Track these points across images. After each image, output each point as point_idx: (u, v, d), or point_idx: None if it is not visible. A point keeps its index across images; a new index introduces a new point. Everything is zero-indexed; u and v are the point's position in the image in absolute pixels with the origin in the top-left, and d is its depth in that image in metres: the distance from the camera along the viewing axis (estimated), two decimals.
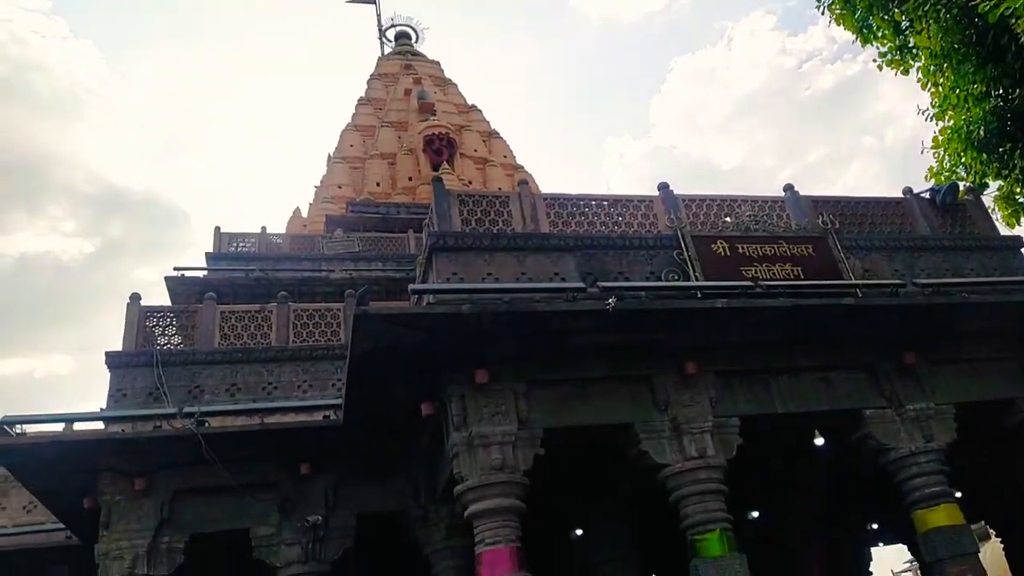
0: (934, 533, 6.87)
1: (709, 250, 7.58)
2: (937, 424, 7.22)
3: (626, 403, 6.87)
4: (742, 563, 6.23)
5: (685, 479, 6.58)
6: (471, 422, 6.32)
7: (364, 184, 20.99)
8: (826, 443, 7.78)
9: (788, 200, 8.36)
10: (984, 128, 10.23)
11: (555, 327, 6.58)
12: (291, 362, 8.77)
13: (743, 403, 7.09)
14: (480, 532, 6.05)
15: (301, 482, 7.67)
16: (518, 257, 7.17)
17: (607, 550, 8.41)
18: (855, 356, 7.42)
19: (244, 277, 14.51)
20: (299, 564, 7.34)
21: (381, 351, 6.30)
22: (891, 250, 8.11)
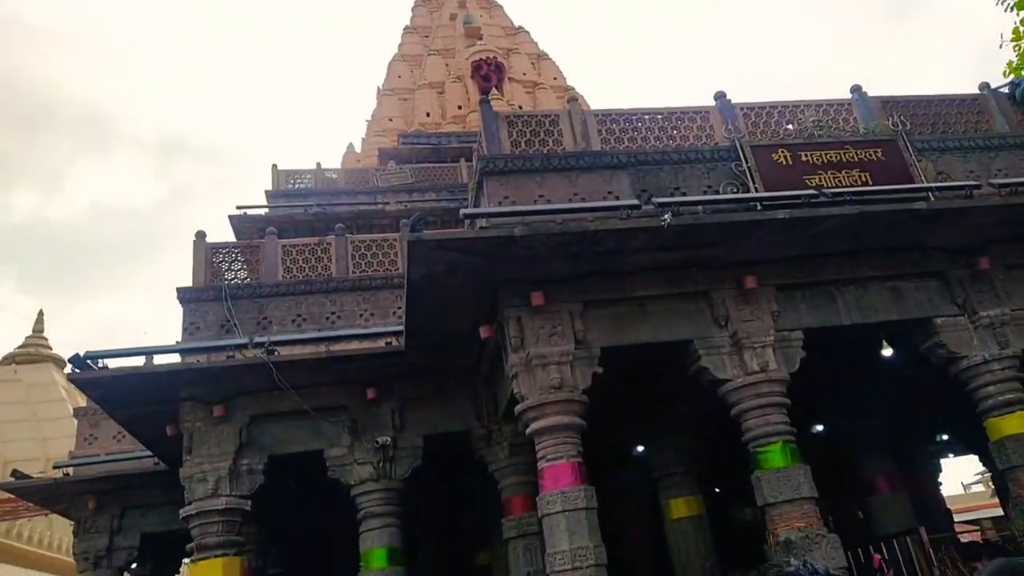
0: (1008, 440, 6.70)
1: (769, 160, 7.29)
2: (1012, 330, 6.94)
3: (685, 320, 6.80)
4: (806, 473, 6.22)
5: (746, 393, 6.54)
6: (528, 343, 6.38)
7: (414, 115, 20.86)
8: (895, 353, 7.56)
9: (855, 102, 7.92)
10: None
11: (609, 246, 6.50)
12: (352, 292, 8.96)
13: (806, 316, 6.94)
14: (542, 449, 6.20)
15: (369, 406, 7.95)
16: (569, 177, 7.06)
17: (669, 465, 8.52)
18: (926, 263, 7.12)
19: (303, 213, 14.79)
20: (371, 482, 7.70)
21: (437, 276, 6.37)
22: (966, 150, 7.64)
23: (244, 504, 7.57)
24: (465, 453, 8.34)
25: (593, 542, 5.71)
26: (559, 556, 5.65)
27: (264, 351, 7.52)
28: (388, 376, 8.02)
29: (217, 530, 7.39)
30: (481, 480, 8.65)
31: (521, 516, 7.48)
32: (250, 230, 13.60)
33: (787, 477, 6.15)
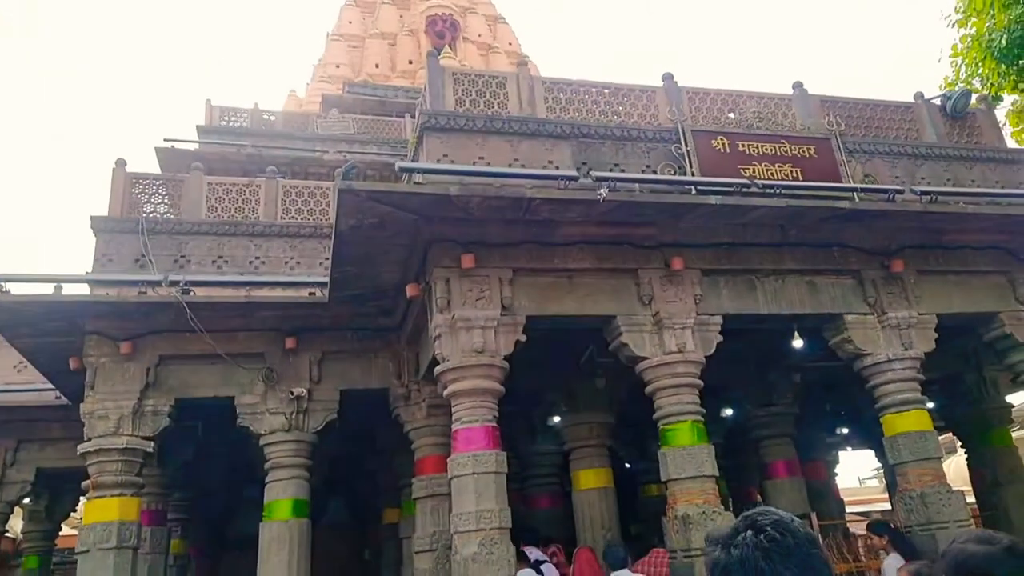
0: (901, 437, 7.07)
1: (709, 146, 7.38)
2: (917, 333, 7.29)
3: (611, 296, 6.87)
4: (709, 453, 6.43)
5: (662, 372, 6.68)
6: (455, 305, 6.33)
7: (363, 65, 20.26)
8: (805, 345, 7.86)
9: (795, 98, 8.08)
10: (1007, 37, 9.79)
11: (545, 215, 6.48)
12: (279, 238, 8.68)
13: (727, 302, 7.11)
14: (458, 411, 6.19)
15: (286, 355, 7.78)
16: (512, 142, 6.98)
17: (583, 438, 8.68)
18: (844, 261, 7.38)
19: (235, 152, 14.24)
20: (282, 432, 7.56)
21: (366, 229, 6.23)
22: (894, 156, 7.92)
23: (146, 445, 7.34)
24: (382, 411, 8.28)
25: (499, 505, 5.77)
26: (464, 517, 5.69)
27: (179, 290, 7.23)
28: (309, 327, 7.86)
29: (116, 469, 7.15)
30: (396, 439, 8.62)
31: (432, 476, 7.50)
32: (178, 165, 12.97)
33: (692, 455, 6.34)
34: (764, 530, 1.15)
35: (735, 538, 1.17)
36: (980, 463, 10.35)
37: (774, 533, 1.14)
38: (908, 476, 6.99)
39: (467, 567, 5.49)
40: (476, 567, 5.46)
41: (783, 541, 1.12)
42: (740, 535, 1.17)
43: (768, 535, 1.14)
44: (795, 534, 1.14)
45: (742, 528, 1.18)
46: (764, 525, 1.16)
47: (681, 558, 6.17)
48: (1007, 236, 7.73)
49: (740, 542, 1.16)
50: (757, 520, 1.19)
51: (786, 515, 1.21)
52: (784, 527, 1.16)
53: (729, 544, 1.17)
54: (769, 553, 1.12)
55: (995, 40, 9.89)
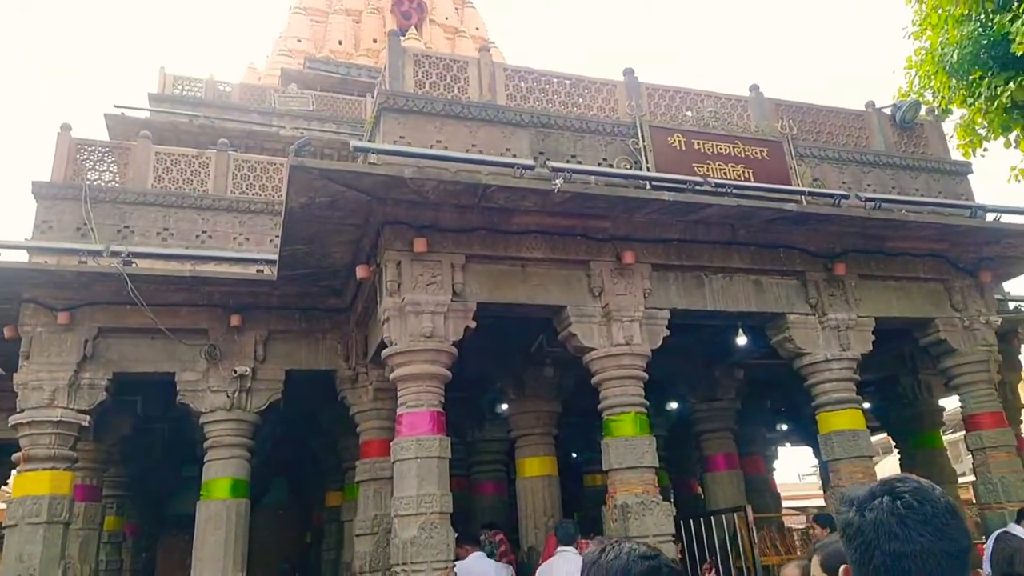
0: (835, 435, 7.29)
1: (665, 143, 7.47)
2: (855, 335, 7.51)
3: (562, 286, 6.91)
4: (651, 444, 6.54)
5: (608, 363, 6.76)
6: (405, 289, 6.29)
7: (325, 41, 19.89)
8: (749, 342, 8.04)
9: (751, 100, 8.22)
10: (958, 52, 10.09)
11: (500, 203, 6.48)
12: (228, 212, 8.48)
13: (675, 297, 7.22)
14: (403, 395, 6.17)
15: (231, 333, 7.63)
16: (470, 127, 6.95)
17: (529, 426, 8.72)
18: (790, 263, 7.56)
19: (188, 123, 13.85)
20: (223, 411, 7.42)
21: (318, 207, 6.14)
22: (843, 162, 8.13)
23: (82, 419, 7.13)
24: (329, 392, 8.20)
25: (441, 490, 5.77)
26: (405, 501, 5.68)
27: (121, 261, 7.03)
28: (256, 305, 7.72)
29: (49, 442, 6.93)
30: (342, 421, 8.55)
31: (376, 460, 7.46)
32: (127, 133, 12.57)
33: (633, 446, 6.44)
34: (902, 496, 1.16)
35: (871, 502, 1.17)
36: (912, 463, 10.74)
37: (912, 500, 1.14)
38: (840, 472, 7.22)
39: (406, 550, 5.49)
40: (415, 550, 5.47)
41: (921, 509, 1.13)
42: (877, 499, 1.17)
43: (905, 501, 1.14)
44: (935, 503, 1.14)
45: (879, 493, 1.18)
46: (903, 492, 1.16)
47: None
48: (946, 245, 8.02)
49: (876, 506, 1.16)
50: (896, 487, 1.18)
51: (927, 483, 1.20)
52: (924, 495, 1.16)
53: (864, 507, 1.17)
54: (904, 519, 1.12)
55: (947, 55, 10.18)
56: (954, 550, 1.10)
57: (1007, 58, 9.19)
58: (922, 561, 1.09)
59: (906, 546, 1.10)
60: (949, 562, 1.09)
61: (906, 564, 1.09)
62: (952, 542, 1.10)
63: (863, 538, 1.15)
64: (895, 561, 1.10)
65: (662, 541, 6.20)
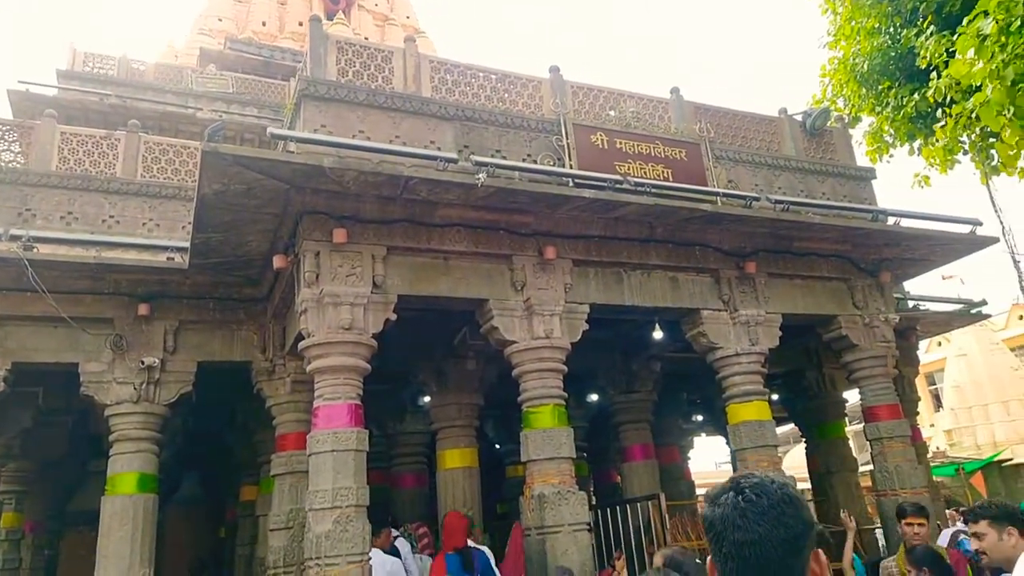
0: (743, 425, 7.61)
1: (588, 141, 7.59)
2: (764, 330, 7.85)
3: (484, 280, 6.94)
4: (568, 435, 6.66)
5: (528, 356, 6.85)
6: (324, 280, 6.19)
7: (248, 21, 19.26)
8: (665, 337, 8.28)
9: (672, 102, 8.44)
10: (869, 63, 10.63)
11: (422, 195, 6.45)
12: (137, 197, 8.12)
13: (595, 292, 7.36)
14: (320, 387, 6.08)
15: (139, 322, 7.33)
16: (394, 119, 6.88)
17: (451, 418, 8.74)
18: (704, 260, 7.82)
19: (98, 102, 13.20)
20: (130, 403, 7.13)
21: (232, 194, 5.97)
22: (755, 165, 8.46)
23: None
24: (244, 385, 8.00)
25: (357, 483, 5.72)
26: (320, 495, 5.61)
27: (21, 246, 6.66)
28: (166, 294, 7.45)
29: None
30: (258, 414, 8.36)
31: (292, 453, 7.33)
32: (32, 110, 11.87)
33: (551, 437, 6.55)
34: (743, 492, 1.28)
35: (720, 498, 1.30)
36: (816, 452, 11.30)
37: (751, 495, 1.26)
38: (747, 461, 7.54)
39: (319, 544, 5.43)
40: (329, 544, 5.41)
41: (758, 502, 1.25)
42: (724, 496, 1.30)
43: (746, 496, 1.27)
44: (771, 496, 1.26)
45: (727, 490, 1.31)
46: (745, 487, 1.29)
47: (535, 535, 6.38)
48: (849, 246, 8.46)
49: (723, 502, 1.28)
50: (740, 483, 1.31)
51: (768, 478, 1.33)
52: (762, 489, 1.28)
53: (715, 503, 1.30)
54: (745, 512, 1.24)
55: (859, 65, 10.69)
56: (788, 536, 1.23)
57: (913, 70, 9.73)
58: (760, 547, 1.22)
59: (746, 535, 1.23)
60: (784, 546, 1.22)
61: (747, 551, 1.23)
62: (787, 529, 1.23)
63: (715, 530, 1.29)
64: (738, 549, 1.23)
65: (577, 530, 6.34)
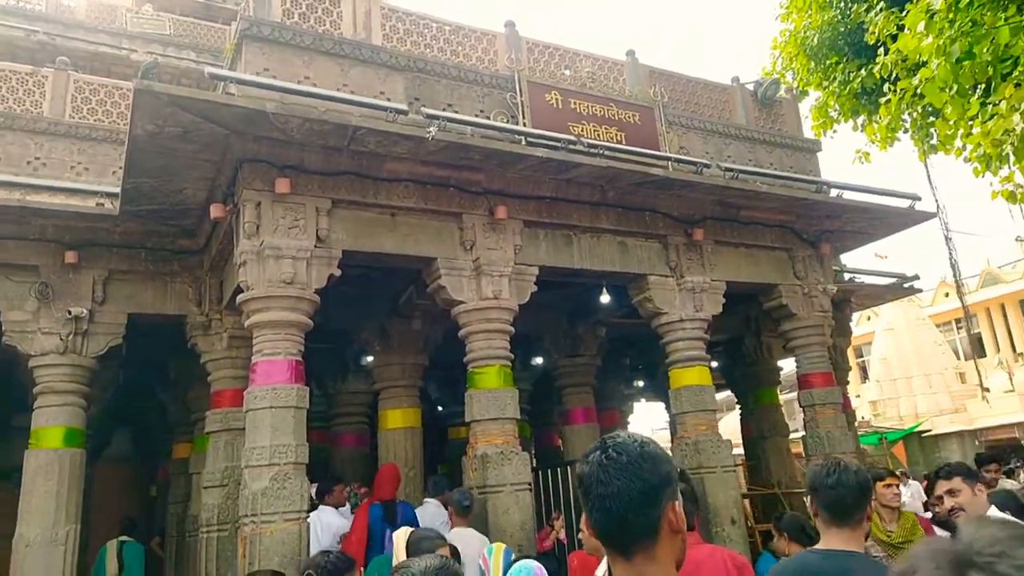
0: (684, 390, 7.73)
1: (542, 99, 7.46)
2: (708, 297, 7.94)
3: (433, 238, 6.80)
4: (513, 396, 6.64)
5: (475, 317, 6.77)
6: (264, 232, 5.96)
7: None
8: (612, 302, 8.31)
9: (627, 65, 8.36)
10: (819, 37, 10.72)
11: (370, 147, 6.23)
12: (65, 139, 7.63)
13: (544, 254, 7.30)
14: (259, 343, 5.88)
15: (65, 271, 6.96)
16: (342, 66, 6.61)
17: (394, 378, 8.63)
18: (653, 226, 7.84)
19: (24, 38, 12.38)
20: (56, 354, 6.80)
21: (167, 138, 5.66)
22: (707, 132, 8.48)
23: None
24: (178, 340, 7.70)
25: (296, 440, 5.59)
26: (257, 451, 5.46)
27: None
28: (96, 242, 7.08)
29: None
30: (192, 370, 8.09)
31: (228, 410, 7.12)
32: None
33: (496, 398, 6.52)
34: (607, 450, 1.40)
35: (588, 456, 1.42)
36: (750, 418, 11.63)
37: (612, 452, 1.39)
38: (686, 425, 7.68)
39: (256, 501, 5.29)
40: (266, 501, 5.28)
41: (618, 458, 1.37)
42: (591, 454, 1.42)
43: (608, 454, 1.39)
44: (629, 452, 1.39)
45: (594, 449, 1.44)
46: (608, 446, 1.41)
47: (477, 494, 6.37)
48: (793, 217, 8.60)
49: (590, 460, 1.41)
50: (605, 442, 1.44)
51: (630, 437, 1.45)
52: (622, 447, 1.40)
53: (585, 461, 1.42)
54: (606, 467, 1.37)
55: (809, 38, 10.76)
56: (644, 488, 1.36)
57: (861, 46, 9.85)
58: (618, 499, 1.35)
59: (607, 488, 1.36)
60: (640, 497, 1.36)
61: (608, 503, 1.36)
62: (643, 482, 1.36)
63: (584, 486, 1.41)
64: (601, 501, 1.37)
65: (519, 490, 6.36)
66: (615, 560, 1.40)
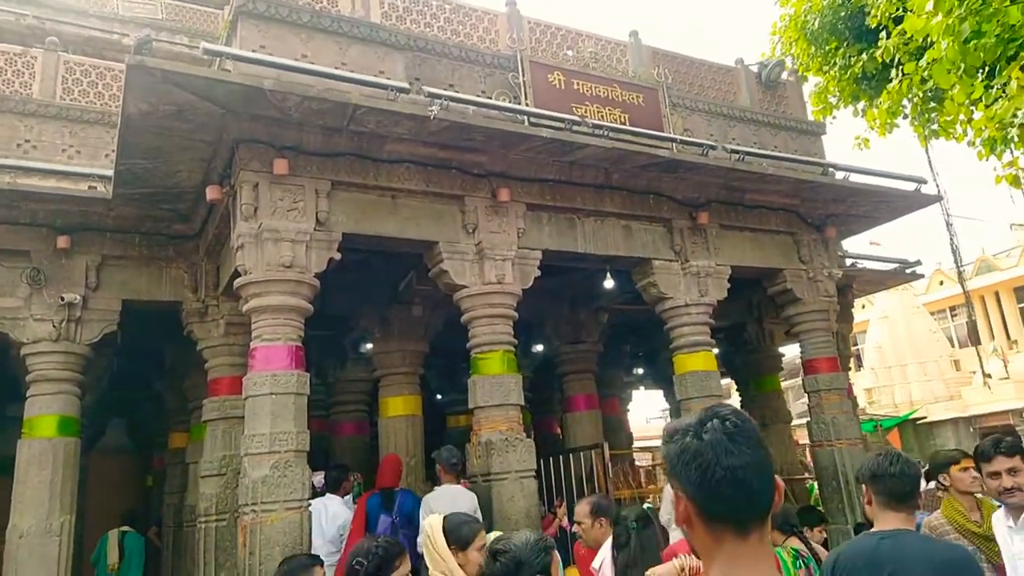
0: (689, 375, 7.63)
1: (545, 80, 7.31)
2: (713, 281, 7.83)
3: (435, 221, 6.65)
4: (517, 382, 6.52)
5: (479, 301, 6.63)
6: (263, 214, 5.79)
7: None
8: (615, 287, 8.20)
9: (630, 46, 8.21)
10: (820, 20, 10.59)
11: (371, 127, 6.07)
12: (56, 121, 7.43)
13: (548, 238, 7.16)
14: (258, 328, 5.73)
15: (58, 256, 6.78)
16: (341, 44, 6.44)
17: (395, 365, 8.51)
18: (658, 210, 7.70)
19: (14, 21, 12.17)
20: (49, 342, 6.63)
21: (161, 117, 5.48)
22: (711, 114, 8.34)
23: None
24: (173, 327, 7.54)
25: (297, 428, 5.45)
26: (257, 439, 5.32)
27: None
28: (88, 226, 6.90)
29: None
30: (188, 358, 7.94)
31: (226, 398, 6.97)
32: None
33: (500, 383, 6.40)
34: (727, 419, 1.33)
35: (705, 426, 1.32)
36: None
37: (736, 420, 1.33)
38: (692, 411, 7.55)
39: (255, 490, 5.16)
40: (266, 489, 5.15)
41: (743, 427, 1.32)
42: (708, 423, 1.32)
43: (732, 422, 1.32)
44: (750, 422, 1.35)
45: (707, 419, 1.34)
46: (727, 416, 1.34)
47: (481, 481, 6.26)
48: (798, 200, 8.48)
49: (710, 428, 1.31)
50: (719, 412, 1.36)
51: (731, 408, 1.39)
52: (739, 416, 1.35)
53: (700, 432, 1.31)
54: (734, 437, 1.30)
55: (810, 22, 10.63)
56: (768, 460, 1.33)
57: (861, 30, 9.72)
58: (750, 470, 1.29)
59: (739, 459, 1.29)
60: (768, 468, 1.32)
61: (740, 473, 1.28)
62: (767, 454, 1.33)
63: (703, 458, 1.29)
64: (732, 472, 1.28)
65: (523, 476, 6.25)
66: (721, 542, 1.29)
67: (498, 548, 2.22)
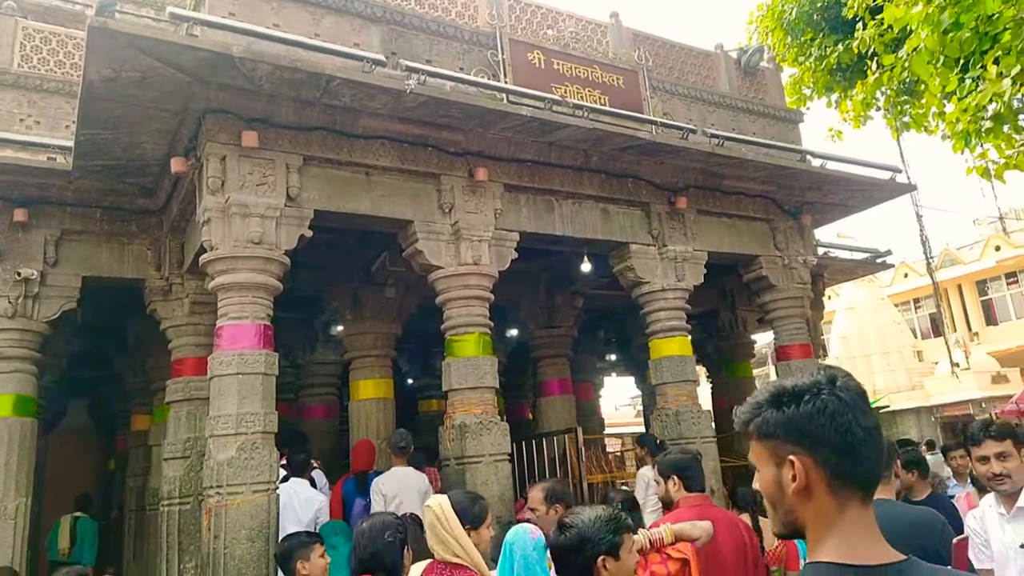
0: (665, 360, 7.60)
1: (524, 58, 7.18)
2: (690, 266, 7.79)
3: (410, 200, 6.49)
4: (492, 364, 6.42)
5: (455, 283, 6.50)
6: (230, 188, 5.58)
7: None
8: (591, 272, 8.12)
9: (611, 27, 8.09)
10: (797, 10, 10.57)
11: (346, 100, 5.88)
12: (14, 89, 7.09)
13: (525, 220, 7.05)
14: (225, 305, 5.53)
15: (14, 229, 6.49)
16: (314, 14, 6.24)
17: (366, 348, 8.33)
18: (636, 193, 7.63)
19: None
20: (5, 319, 6.35)
21: (124, 84, 5.24)
22: (691, 99, 8.29)
23: None
24: (136, 305, 7.30)
25: (265, 409, 5.29)
26: (222, 420, 5.14)
27: None
28: (47, 200, 6.62)
29: None
30: (151, 337, 7.69)
31: (190, 379, 6.76)
32: None
33: (475, 366, 6.29)
34: (852, 379, 1.29)
35: (836, 384, 1.27)
36: (723, 391, 11.59)
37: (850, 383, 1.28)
38: (667, 395, 7.56)
39: (221, 472, 4.99)
40: (232, 472, 4.98)
41: (860, 389, 1.29)
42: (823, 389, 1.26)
43: (853, 385, 1.28)
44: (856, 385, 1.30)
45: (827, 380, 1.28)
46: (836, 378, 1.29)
47: (454, 465, 6.16)
48: (775, 187, 8.48)
49: (842, 387, 1.26)
50: (836, 375, 1.30)
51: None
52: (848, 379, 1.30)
53: (836, 392, 1.25)
54: (863, 396, 1.28)
55: (787, 12, 10.61)
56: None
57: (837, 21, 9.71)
58: (880, 433, 1.27)
59: (872, 421, 1.25)
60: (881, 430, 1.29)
61: (875, 435, 1.25)
62: (874, 412, 1.29)
63: (844, 419, 1.23)
64: (868, 433, 1.24)
65: (498, 460, 6.17)
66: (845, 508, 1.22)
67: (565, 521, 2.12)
